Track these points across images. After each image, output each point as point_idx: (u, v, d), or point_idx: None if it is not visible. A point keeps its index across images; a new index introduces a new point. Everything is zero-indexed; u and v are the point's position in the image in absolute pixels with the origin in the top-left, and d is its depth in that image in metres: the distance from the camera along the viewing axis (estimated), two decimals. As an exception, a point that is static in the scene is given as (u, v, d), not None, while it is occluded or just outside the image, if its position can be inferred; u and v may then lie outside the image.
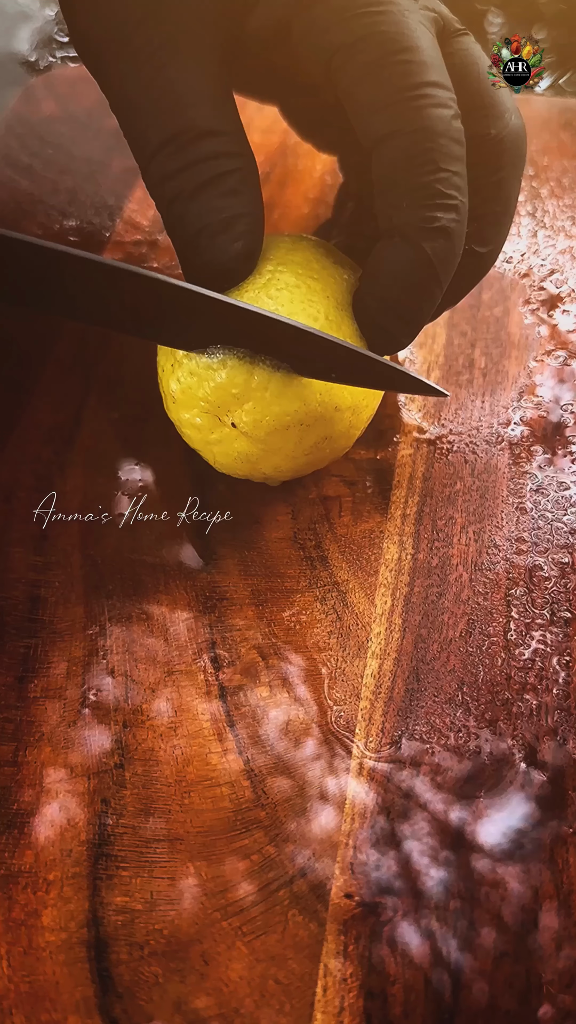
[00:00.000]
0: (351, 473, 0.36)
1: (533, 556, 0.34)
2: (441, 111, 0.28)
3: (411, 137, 0.28)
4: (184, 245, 0.31)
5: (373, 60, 0.28)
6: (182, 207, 0.30)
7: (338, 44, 0.29)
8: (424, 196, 0.29)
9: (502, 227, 0.33)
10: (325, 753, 0.30)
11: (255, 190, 0.31)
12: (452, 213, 0.29)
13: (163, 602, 0.33)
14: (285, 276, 0.31)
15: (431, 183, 0.29)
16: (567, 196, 0.47)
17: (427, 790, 0.29)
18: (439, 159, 0.28)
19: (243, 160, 0.30)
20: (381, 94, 0.28)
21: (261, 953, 0.26)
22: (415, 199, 0.29)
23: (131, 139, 0.31)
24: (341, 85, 0.29)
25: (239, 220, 0.30)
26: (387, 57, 0.28)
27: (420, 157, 0.28)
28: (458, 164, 0.29)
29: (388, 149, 0.29)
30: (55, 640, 0.33)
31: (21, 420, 0.39)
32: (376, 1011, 0.25)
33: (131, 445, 0.38)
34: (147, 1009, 0.25)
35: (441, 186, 0.29)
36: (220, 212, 0.30)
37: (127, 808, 0.29)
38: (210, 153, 0.29)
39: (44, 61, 0.57)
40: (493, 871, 0.27)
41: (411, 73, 0.28)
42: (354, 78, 0.29)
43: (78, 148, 0.49)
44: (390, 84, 0.28)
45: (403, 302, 0.31)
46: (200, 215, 0.30)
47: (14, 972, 0.26)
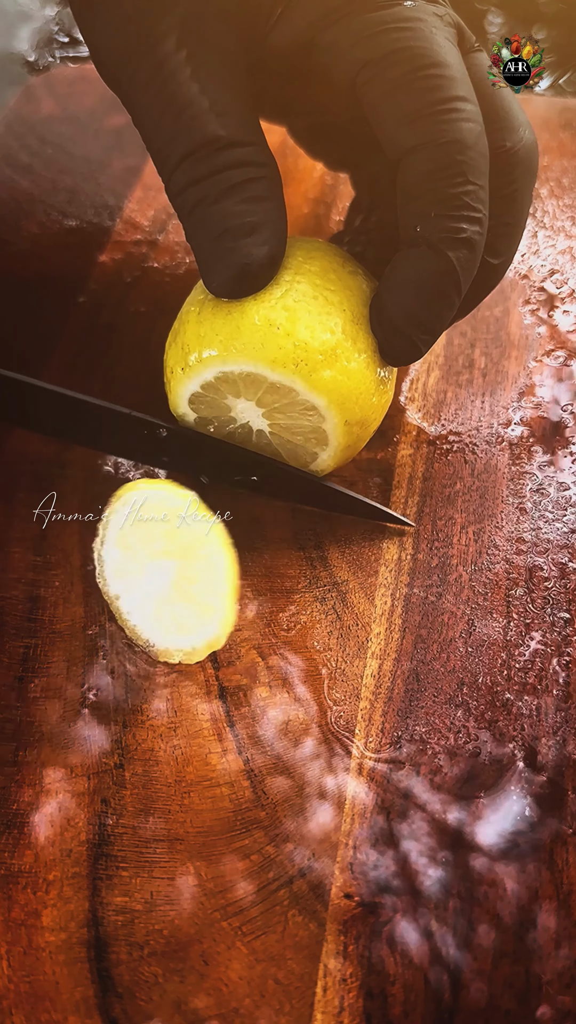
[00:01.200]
0: (351, 473, 0.37)
1: (533, 556, 0.34)
2: (470, 125, 0.29)
3: (442, 149, 0.29)
4: (206, 250, 0.30)
5: (402, 74, 0.29)
6: (204, 211, 0.30)
7: (366, 59, 0.29)
8: (452, 207, 0.29)
9: (514, 239, 0.33)
10: (325, 753, 0.30)
11: (279, 199, 0.31)
12: (476, 225, 0.30)
13: (163, 602, 0.33)
14: (302, 287, 0.31)
15: (460, 195, 0.29)
16: (567, 196, 0.47)
17: (427, 790, 0.29)
18: (468, 172, 0.29)
19: (268, 170, 0.30)
20: (410, 107, 0.29)
21: (261, 953, 0.26)
22: (443, 210, 0.29)
23: (155, 151, 0.31)
24: (368, 99, 0.29)
25: (265, 226, 0.30)
26: (416, 71, 0.28)
27: (450, 169, 0.29)
28: (484, 178, 0.30)
29: (417, 160, 0.29)
30: (55, 640, 0.33)
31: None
32: (376, 1011, 0.25)
33: (131, 445, 0.38)
34: (147, 1009, 0.25)
35: (468, 198, 0.29)
36: (245, 216, 0.30)
37: (127, 808, 0.29)
38: (236, 161, 0.30)
39: (44, 61, 0.57)
40: (492, 871, 0.27)
41: (441, 88, 0.28)
42: (382, 92, 0.29)
43: (78, 148, 0.49)
44: (420, 98, 0.28)
45: (425, 309, 0.31)
46: (225, 218, 0.30)
47: (14, 972, 0.26)
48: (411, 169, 0.29)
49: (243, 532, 0.35)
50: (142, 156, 0.49)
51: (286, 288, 0.31)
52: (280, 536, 0.35)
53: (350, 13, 0.29)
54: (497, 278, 0.34)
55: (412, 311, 0.31)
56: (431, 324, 0.31)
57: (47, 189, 0.47)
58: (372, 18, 0.29)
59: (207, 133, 0.29)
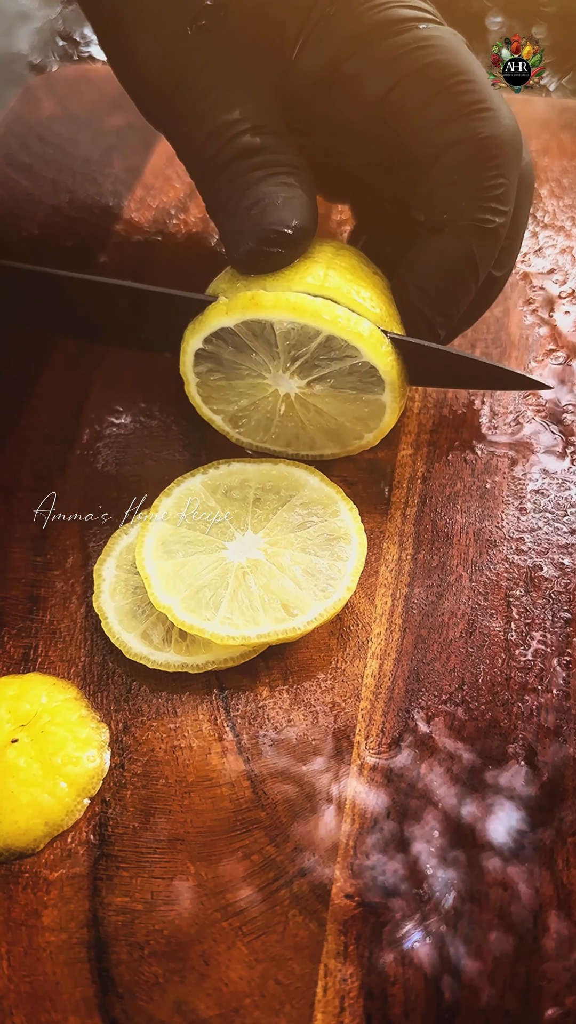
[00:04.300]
0: (351, 473, 0.37)
1: (533, 556, 0.34)
2: (508, 122, 0.31)
3: (481, 143, 0.30)
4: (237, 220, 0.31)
5: (435, 85, 0.30)
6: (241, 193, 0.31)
7: (397, 78, 0.30)
8: (483, 198, 0.31)
9: (514, 253, 0.35)
10: (325, 753, 0.30)
11: (311, 194, 0.32)
12: (501, 218, 0.31)
13: (163, 602, 0.33)
14: (334, 280, 0.31)
15: (491, 187, 0.31)
16: (567, 196, 0.47)
17: (427, 790, 0.29)
18: (502, 166, 0.31)
19: (301, 171, 0.32)
20: (448, 111, 0.30)
21: (261, 953, 0.26)
22: (474, 199, 0.31)
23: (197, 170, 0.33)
24: (402, 113, 0.31)
25: (294, 202, 0.31)
26: (448, 80, 0.30)
27: (485, 163, 0.30)
28: (514, 176, 0.31)
29: (454, 152, 0.30)
30: (55, 640, 0.33)
31: (21, 420, 0.39)
32: (376, 1011, 0.25)
33: (131, 445, 0.38)
34: (147, 1009, 0.25)
35: (499, 191, 0.31)
36: (278, 193, 0.31)
37: (127, 808, 0.29)
38: (272, 161, 0.31)
39: (44, 61, 0.57)
40: (493, 871, 0.27)
41: (473, 91, 0.30)
42: (418, 104, 0.31)
43: (78, 148, 0.49)
44: (455, 101, 0.30)
45: (443, 293, 0.32)
46: (258, 195, 0.31)
47: (14, 972, 0.26)
48: (447, 161, 0.31)
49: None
50: (142, 156, 0.49)
51: (322, 278, 0.31)
52: (280, 536, 0.35)
53: (372, 41, 0.31)
54: (498, 290, 0.36)
55: (430, 292, 0.32)
56: (448, 308, 0.33)
57: (47, 189, 0.47)
58: (395, 42, 0.30)
59: (247, 144, 0.31)
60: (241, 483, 0.33)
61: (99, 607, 0.32)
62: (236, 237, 0.31)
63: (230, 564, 0.31)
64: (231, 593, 0.31)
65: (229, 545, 0.32)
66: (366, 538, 0.33)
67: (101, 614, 0.32)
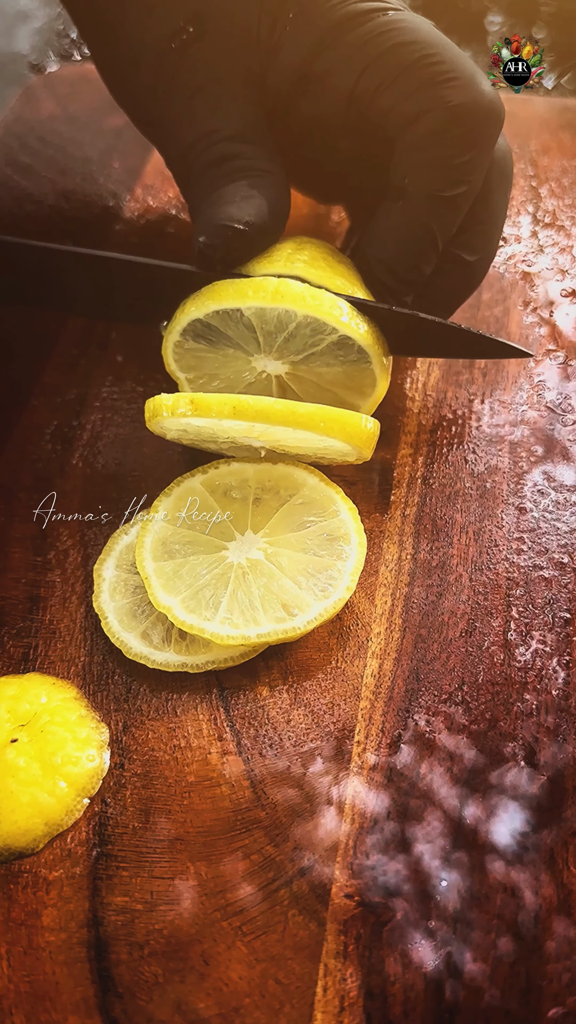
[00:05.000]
0: (351, 473, 0.36)
1: (533, 556, 0.34)
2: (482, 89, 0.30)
3: (449, 111, 0.30)
4: (204, 214, 0.32)
5: (400, 63, 0.30)
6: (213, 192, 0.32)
7: (364, 64, 0.31)
8: (445, 167, 0.31)
9: (489, 237, 0.34)
10: (325, 753, 0.30)
11: (281, 196, 0.33)
12: (462, 187, 0.31)
13: (163, 602, 0.33)
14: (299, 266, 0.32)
15: (454, 155, 0.30)
16: (567, 196, 0.47)
17: (427, 790, 0.29)
18: (469, 136, 0.30)
19: (273, 175, 0.33)
20: (414, 83, 0.30)
21: (261, 953, 0.26)
22: (435, 166, 0.31)
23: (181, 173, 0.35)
24: (372, 99, 0.31)
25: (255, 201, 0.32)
26: (413, 56, 0.30)
27: (453, 130, 0.30)
28: (485, 151, 0.31)
29: (423, 121, 0.30)
30: (55, 640, 0.33)
31: (21, 420, 0.39)
32: (376, 1011, 0.25)
33: (131, 445, 0.38)
34: (147, 1009, 0.25)
35: (462, 159, 0.30)
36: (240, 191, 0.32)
37: (127, 808, 0.29)
38: (247, 166, 0.32)
39: (44, 61, 0.57)
40: (493, 871, 0.27)
41: (441, 63, 0.30)
42: (384, 84, 0.31)
43: (78, 148, 0.49)
44: (422, 74, 0.30)
45: (402, 263, 0.32)
46: (224, 192, 0.32)
47: (14, 972, 0.26)
48: (414, 129, 0.31)
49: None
50: (142, 156, 0.49)
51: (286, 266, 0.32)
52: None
53: (338, 35, 0.31)
54: (477, 277, 0.35)
55: (386, 262, 0.32)
56: (407, 275, 0.33)
57: (47, 189, 0.47)
58: (359, 32, 0.31)
59: (222, 152, 0.32)
60: (241, 483, 0.33)
61: (99, 607, 0.32)
62: (197, 230, 0.32)
63: (230, 564, 0.31)
64: (231, 593, 0.31)
65: (229, 545, 0.32)
66: (366, 538, 0.33)
67: (101, 614, 0.32)
